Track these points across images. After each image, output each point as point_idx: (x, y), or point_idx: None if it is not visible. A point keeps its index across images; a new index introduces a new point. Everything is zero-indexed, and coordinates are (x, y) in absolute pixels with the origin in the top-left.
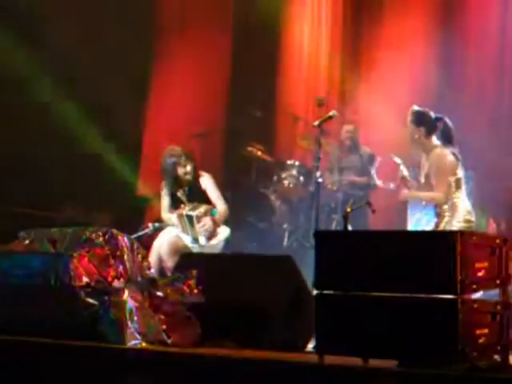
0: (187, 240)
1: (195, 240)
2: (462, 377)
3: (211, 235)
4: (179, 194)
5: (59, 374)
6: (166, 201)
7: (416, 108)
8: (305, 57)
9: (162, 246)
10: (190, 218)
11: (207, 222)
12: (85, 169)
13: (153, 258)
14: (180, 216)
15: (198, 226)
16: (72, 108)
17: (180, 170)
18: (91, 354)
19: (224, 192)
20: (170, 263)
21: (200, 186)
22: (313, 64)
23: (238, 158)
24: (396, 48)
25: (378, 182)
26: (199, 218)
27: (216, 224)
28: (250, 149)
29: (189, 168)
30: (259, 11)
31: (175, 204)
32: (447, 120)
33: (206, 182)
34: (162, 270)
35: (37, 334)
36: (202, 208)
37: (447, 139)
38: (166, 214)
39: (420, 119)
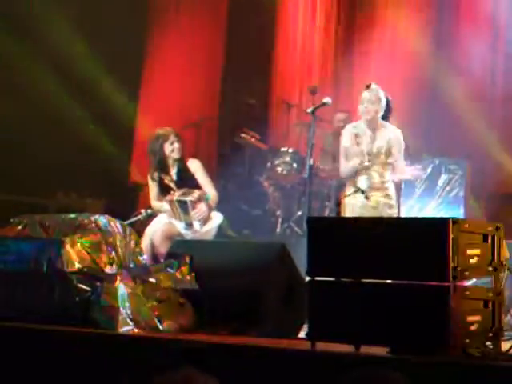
0: (180, 226)
1: (188, 226)
2: (453, 363)
3: (205, 220)
4: (167, 180)
5: (51, 359)
6: (154, 189)
7: (376, 85)
8: (299, 44)
9: (155, 233)
10: (182, 203)
11: (202, 207)
12: (78, 155)
13: (145, 244)
14: (171, 202)
15: (193, 212)
16: (65, 94)
17: (167, 148)
18: (83, 340)
19: (218, 179)
20: (162, 249)
21: (189, 171)
22: (307, 51)
23: (232, 145)
24: (390, 36)
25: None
26: (194, 204)
27: (210, 209)
28: (243, 136)
29: (176, 145)
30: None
31: (164, 191)
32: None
33: (195, 167)
34: (154, 256)
35: (28, 320)
36: (196, 193)
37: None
38: (156, 202)
39: (382, 96)
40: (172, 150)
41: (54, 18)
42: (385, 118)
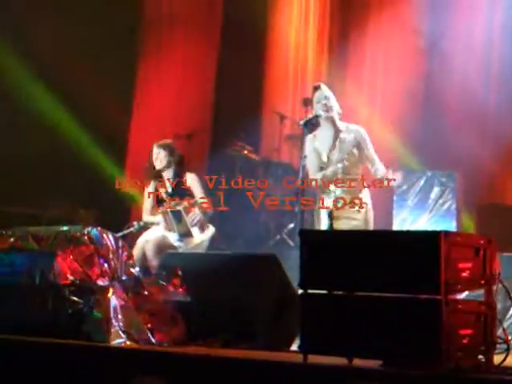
0: (173, 239)
1: (182, 236)
2: (446, 377)
3: (203, 226)
4: (162, 192)
5: (43, 372)
6: (147, 202)
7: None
8: (291, 55)
9: (147, 245)
10: (175, 212)
11: (196, 211)
12: (70, 167)
13: (136, 256)
14: (164, 213)
15: (188, 218)
16: (57, 105)
17: (155, 160)
18: (75, 353)
19: (209, 191)
20: (155, 262)
21: (184, 185)
22: (300, 63)
23: (224, 156)
24: (383, 50)
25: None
26: (187, 210)
27: (204, 214)
28: (235, 147)
29: (159, 156)
30: (247, 11)
31: (158, 203)
32: None
33: (191, 181)
34: (145, 268)
35: (21, 333)
36: (186, 201)
37: None
38: (148, 217)
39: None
40: (156, 160)
41: (46, 31)
42: None
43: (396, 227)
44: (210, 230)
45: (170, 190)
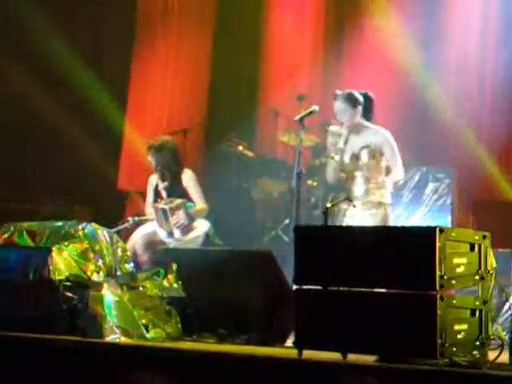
0: (163, 235)
1: (170, 234)
2: (441, 372)
3: (187, 229)
4: (160, 188)
5: (38, 367)
6: (149, 196)
7: (346, 91)
8: (287, 51)
9: (137, 240)
10: (163, 211)
11: (180, 214)
12: (65, 162)
13: (129, 252)
14: (156, 210)
15: (172, 219)
16: (52, 101)
17: (151, 161)
18: (70, 349)
19: (204, 188)
20: (144, 257)
21: (181, 181)
22: (295, 59)
23: (219, 153)
24: (379, 45)
25: None
26: (172, 211)
27: (191, 218)
28: (230, 144)
29: (152, 156)
30: (242, 7)
31: (156, 198)
32: (370, 94)
33: (188, 178)
34: (136, 264)
35: (15, 329)
36: (176, 201)
37: (371, 116)
38: (150, 209)
39: (355, 100)
40: (151, 161)
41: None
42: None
43: (391, 223)
44: (205, 225)
45: (167, 185)
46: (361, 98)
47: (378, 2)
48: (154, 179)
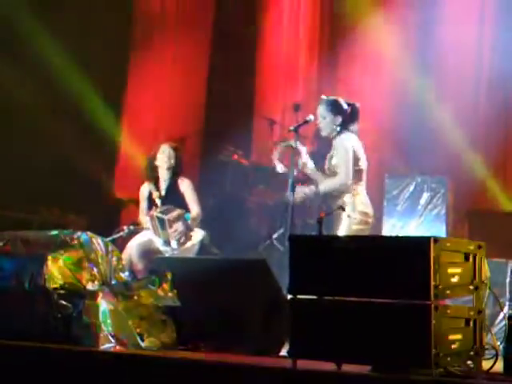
0: (159, 243)
1: (166, 242)
2: (435, 382)
3: (184, 240)
4: (155, 196)
5: (32, 376)
6: (143, 203)
7: (332, 97)
8: (282, 60)
9: (132, 248)
10: (161, 220)
11: (179, 227)
12: (60, 171)
13: (125, 261)
14: (152, 217)
15: (170, 231)
16: (47, 108)
17: (160, 158)
18: (65, 357)
19: (200, 196)
20: (139, 266)
21: (178, 189)
22: (290, 67)
23: (215, 161)
24: (374, 54)
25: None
26: (171, 223)
27: (189, 229)
28: (226, 153)
29: (172, 154)
30: (238, 14)
31: (150, 206)
32: (357, 105)
33: (185, 186)
34: (132, 273)
35: (9, 337)
36: (175, 212)
37: (353, 125)
38: (143, 217)
39: (338, 107)
40: (162, 158)
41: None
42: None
43: (385, 233)
44: (200, 233)
45: (163, 193)
46: (344, 107)
47: (373, 11)
48: (146, 187)
